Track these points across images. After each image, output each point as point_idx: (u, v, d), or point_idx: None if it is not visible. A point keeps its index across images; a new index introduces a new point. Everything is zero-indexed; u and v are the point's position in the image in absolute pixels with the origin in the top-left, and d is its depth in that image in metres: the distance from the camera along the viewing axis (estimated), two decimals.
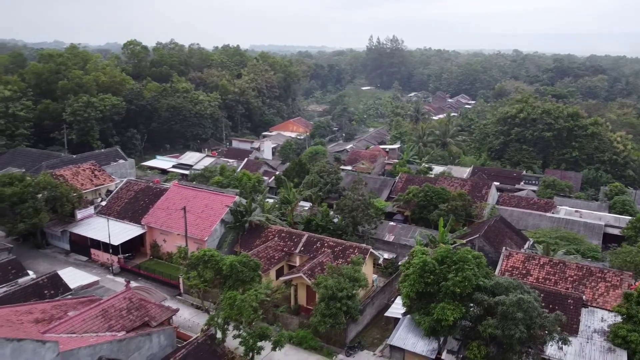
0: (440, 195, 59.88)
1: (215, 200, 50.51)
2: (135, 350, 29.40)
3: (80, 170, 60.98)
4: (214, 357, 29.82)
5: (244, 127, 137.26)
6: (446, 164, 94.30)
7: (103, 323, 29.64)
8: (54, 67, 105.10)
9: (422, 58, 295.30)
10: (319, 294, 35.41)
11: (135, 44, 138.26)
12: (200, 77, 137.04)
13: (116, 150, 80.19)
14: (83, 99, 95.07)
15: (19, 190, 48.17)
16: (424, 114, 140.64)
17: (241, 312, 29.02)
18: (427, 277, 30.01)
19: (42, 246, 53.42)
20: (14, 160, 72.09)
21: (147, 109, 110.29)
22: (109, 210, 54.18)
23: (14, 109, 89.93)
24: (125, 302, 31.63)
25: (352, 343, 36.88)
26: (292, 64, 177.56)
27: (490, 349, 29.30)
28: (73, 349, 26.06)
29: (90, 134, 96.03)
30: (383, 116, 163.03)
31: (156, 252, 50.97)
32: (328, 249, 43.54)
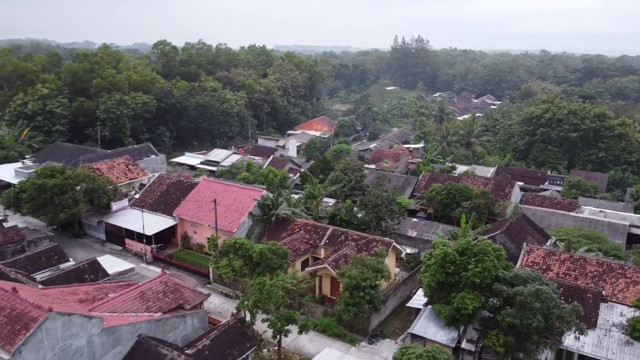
0: (463, 193, 60.58)
1: (243, 194, 52.50)
2: (170, 330, 31.39)
3: (115, 165, 63.90)
4: (243, 338, 31.61)
5: (269, 125, 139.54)
6: (470, 163, 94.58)
7: (141, 304, 31.73)
8: (88, 67, 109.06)
9: (447, 58, 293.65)
10: (343, 284, 36.87)
11: (165, 44, 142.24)
12: (227, 77, 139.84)
13: (148, 146, 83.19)
14: (116, 97, 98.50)
15: (60, 182, 50.96)
16: (449, 114, 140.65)
17: (270, 297, 30.72)
18: (447, 268, 31.20)
19: (80, 236, 56.27)
20: (52, 154, 75.57)
21: (176, 107, 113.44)
22: (142, 202, 56.69)
23: (51, 106, 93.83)
24: (162, 285, 33.69)
25: (374, 331, 38.30)
26: (317, 64, 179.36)
27: (509, 338, 30.33)
28: (115, 326, 28.14)
29: (122, 130, 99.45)
30: (407, 116, 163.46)
31: (186, 243, 53.20)
32: (352, 242, 45.00)
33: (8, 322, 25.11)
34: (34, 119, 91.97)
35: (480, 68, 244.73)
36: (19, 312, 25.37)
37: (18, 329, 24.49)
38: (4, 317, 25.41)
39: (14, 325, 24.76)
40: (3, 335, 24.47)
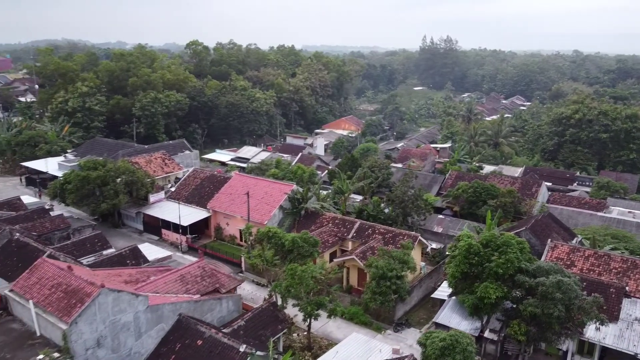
0: (490, 191, 61.22)
1: (274, 188, 54.55)
2: (207, 312, 33.51)
3: (152, 159, 66.89)
4: (275, 321, 33.51)
5: (297, 124, 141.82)
6: (497, 164, 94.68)
7: (181, 286, 33.97)
8: (125, 66, 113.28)
9: (476, 59, 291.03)
10: (371, 274, 38.42)
11: (197, 44, 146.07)
12: (257, 76, 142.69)
13: (182, 142, 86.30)
14: (150, 95, 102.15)
15: (102, 174, 53.95)
16: (477, 114, 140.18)
17: (301, 282, 32.51)
18: (471, 259, 32.43)
19: (119, 226, 59.27)
20: (92, 149, 79.25)
21: (207, 106, 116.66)
22: (177, 195, 59.33)
23: (90, 103, 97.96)
24: (199, 270, 35.90)
25: (399, 320, 39.74)
26: (345, 64, 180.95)
27: (530, 328, 31.36)
28: (159, 304, 30.37)
29: (156, 127, 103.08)
30: (434, 116, 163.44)
31: (219, 234, 55.54)
32: (379, 236, 46.50)
33: (65, 296, 27.57)
34: (74, 115, 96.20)
35: (510, 68, 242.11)
36: (74, 288, 27.80)
37: (74, 303, 26.89)
38: (61, 292, 27.89)
39: (70, 300, 27.19)
40: (61, 308, 26.92)
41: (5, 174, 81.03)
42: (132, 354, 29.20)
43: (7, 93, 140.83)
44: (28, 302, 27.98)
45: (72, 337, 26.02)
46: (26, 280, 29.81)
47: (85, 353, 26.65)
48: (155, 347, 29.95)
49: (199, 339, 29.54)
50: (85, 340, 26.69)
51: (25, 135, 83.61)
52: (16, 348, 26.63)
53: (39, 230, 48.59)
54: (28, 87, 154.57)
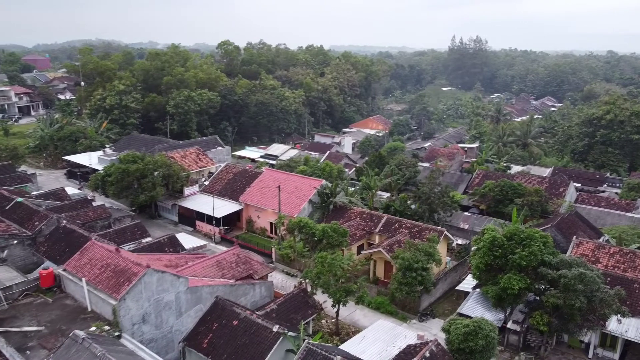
0: (516, 190, 61.65)
1: (304, 182, 56.42)
2: (241, 296, 35.51)
3: (187, 154, 69.67)
4: (305, 306, 35.29)
5: (325, 123, 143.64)
6: (525, 164, 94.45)
7: (217, 271, 36.09)
8: (159, 65, 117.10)
9: (506, 59, 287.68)
10: (397, 265, 39.83)
11: (228, 44, 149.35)
12: (286, 75, 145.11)
13: (215, 139, 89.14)
14: (184, 93, 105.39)
15: (141, 167, 56.75)
16: (505, 115, 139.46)
17: (331, 270, 34.20)
18: (495, 251, 33.58)
19: (155, 217, 62.09)
20: (130, 144, 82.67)
21: (238, 104, 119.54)
22: (211, 188, 61.77)
23: (126, 101, 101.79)
24: (234, 256, 37.98)
25: (424, 311, 41.03)
26: (373, 64, 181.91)
27: (553, 319, 32.32)
28: (198, 286, 32.51)
29: (189, 125, 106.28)
30: (463, 116, 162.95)
31: (250, 226, 57.70)
32: (405, 230, 47.80)
33: (114, 275, 29.92)
34: (111, 112, 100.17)
35: (540, 69, 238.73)
36: (122, 268, 30.14)
37: (122, 281, 29.20)
38: (110, 271, 30.26)
39: (119, 278, 29.51)
40: (110, 286, 29.27)
41: (48, 167, 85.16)
42: (173, 331, 31.42)
43: (47, 91, 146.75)
44: (81, 280, 30.44)
45: (121, 312, 28.31)
46: (78, 260, 32.33)
47: (131, 327, 28.91)
48: (194, 326, 32.06)
49: (234, 319, 31.53)
50: (132, 316, 28.97)
51: (67, 130, 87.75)
52: (70, 321, 29.08)
53: (82, 219, 51.62)
54: (67, 85, 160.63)
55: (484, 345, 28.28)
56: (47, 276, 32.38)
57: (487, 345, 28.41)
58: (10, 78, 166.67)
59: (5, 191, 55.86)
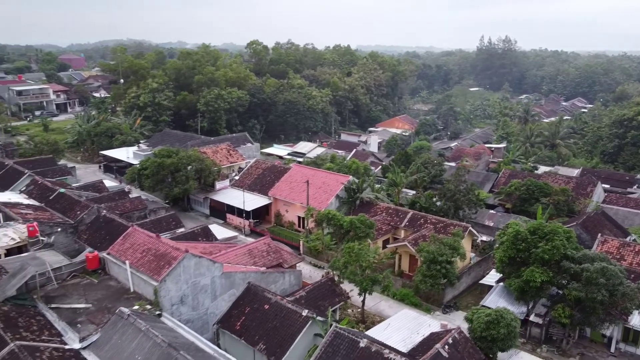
0: (543, 189, 61.82)
1: (331, 178, 57.96)
2: (272, 283, 37.22)
3: (218, 150, 72.10)
4: (333, 294, 36.81)
5: (351, 122, 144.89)
6: (553, 165, 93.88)
7: (249, 259, 37.92)
8: (191, 64, 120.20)
9: (536, 59, 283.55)
10: (422, 257, 40.97)
11: (257, 44, 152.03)
12: (313, 75, 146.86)
13: (245, 135, 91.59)
14: (214, 91, 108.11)
15: (175, 161, 59.18)
16: (534, 115, 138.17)
17: (358, 260, 35.62)
18: (519, 245, 34.46)
19: (187, 209, 64.52)
20: (163, 140, 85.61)
21: (266, 103, 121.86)
22: (241, 183, 63.88)
23: (159, 98, 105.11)
24: (265, 246, 39.77)
25: (448, 303, 42.05)
26: (400, 64, 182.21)
27: (574, 312, 33.03)
28: (231, 272, 34.36)
29: (219, 122, 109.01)
30: (490, 117, 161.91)
31: (279, 220, 59.52)
32: (430, 225, 48.84)
33: (154, 259, 31.98)
34: (145, 109, 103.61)
35: (571, 70, 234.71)
36: (162, 252, 32.18)
37: (162, 264, 31.22)
38: (152, 255, 32.34)
39: (159, 262, 31.55)
40: (151, 268, 31.32)
41: (85, 162, 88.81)
42: (208, 313, 33.33)
43: (83, 89, 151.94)
44: (124, 263, 32.60)
45: (162, 293, 30.33)
46: (121, 245, 34.56)
47: (171, 307, 30.90)
48: (227, 309, 33.97)
49: (266, 303, 33.30)
50: (172, 297, 30.96)
51: (103, 126, 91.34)
52: (115, 300, 31.25)
53: (120, 210, 54.19)
54: (101, 83, 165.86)
55: (505, 334, 29.30)
56: (93, 259, 34.71)
57: (508, 334, 29.41)
58: (48, 76, 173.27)
59: (49, 182, 59.00)
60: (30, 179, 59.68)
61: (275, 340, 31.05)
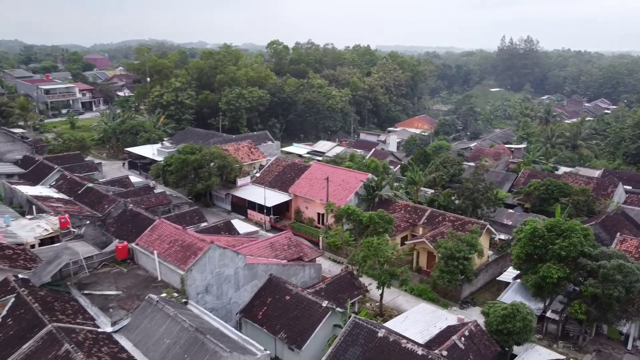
0: (562, 189, 61.71)
1: (351, 176, 58.91)
2: (292, 275, 38.33)
3: (240, 147, 73.63)
4: (352, 287, 37.76)
5: (370, 122, 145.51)
6: (574, 166, 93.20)
7: (271, 252, 39.10)
8: (213, 64, 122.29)
9: (558, 60, 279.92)
10: (439, 254, 41.65)
11: (278, 44, 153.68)
12: (333, 75, 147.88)
13: (265, 134, 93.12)
14: (235, 91, 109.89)
15: (199, 157, 60.77)
16: (555, 116, 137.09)
17: (377, 254, 36.51)
18: (536, 241, 34.93)
19: (210, 205, 66.09)
20: (186, 137, 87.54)
21: (286, 102, 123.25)
22: (262, 180, 65.20)
23: (181, 97, 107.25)
24: (286, 240, 40.93)
25: (465, 299, 42.64)
26: (420, 64, 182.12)
27: (591, 309, 33.40)
28: (254, 264, 35.57)
29: (240, 121, 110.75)
30: (511, 118, 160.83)
31: (299, 216, 60.66)
32: (448, 223, 49.42)
33: (181, 249, 33.36)
34: (168, 108, 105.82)
35: (595, 70, 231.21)
36: (188, 243, 33.55)
37: (189, 255, 32.57)
38: (178, 246, 33.73)
39: (186, 252, 32.91)
40: (178, 258, 32.70)
41: (110, 158, 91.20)
42: (232, 302, 34.58)
43: (107, 88, 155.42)
44: (152, 253, 34.06)
45: (188, 282, 31.66)
46: (149, 236, 36.05)
47: (196, 296, 32.21)
48: (249, 300, 35.19)
49: (287, 294, 34.42)
50: (197, 286, 32.28)
51: (128, 124, 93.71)
52: (143, 288, 32.70)
53: (145, 204, 55.90)
54: (125, 82, 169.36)
55: (521, 327, 29.89)
56: (123, 249, 36.26)
57: (524, 327, 30.00)
58: (74, 76, 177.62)
59: (77, 177, 61.15)
60: (59, 174, 61.98)
61: (296, 330, 32.14)
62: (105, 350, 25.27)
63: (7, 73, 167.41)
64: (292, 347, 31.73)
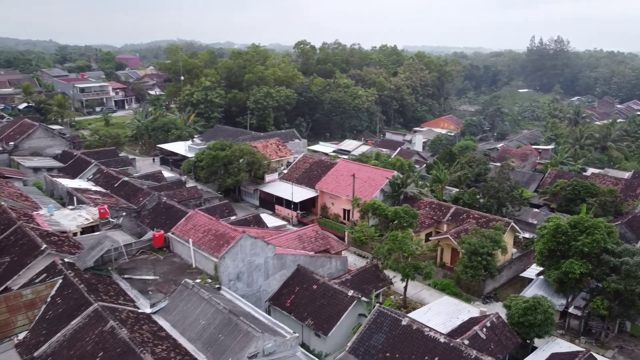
0: (589, 189, 61.50)
1: (376, 173, 60.04)
2: (319, 267, 39.73)
3: (268, 144, 75.55)
4: (377, 279, 38.96)
5: (396, 121, 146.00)
6: (603, 167, 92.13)
7: (299, 244, 40.61)
8: (241, 63, 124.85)
9: (590, 60, 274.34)
10: (463, 249, 42.47)
11: (305, 44, 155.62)
12: (359, 74, 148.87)
13: (293, 132, 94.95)
14: (263, 90, 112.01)
15: (229, 154, 62.79)
16: (585, 117, 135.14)
17: (401, 247, 37.63)
18: (559, 238, 35.51)
19: (238, 200, 68.09)
20: (215, 135, 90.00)
21: (313, 101, 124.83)
22: (289, 176, 66.89)
23: (211, 96, 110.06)
24: (313, 232, 42.38)
25: (488, 294, 43.34)
26: (447, 64, 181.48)
27: (613, 305, 33.83)
28: (283, 254, 37.13)
29: (267, 119, 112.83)
30: (539, 119, 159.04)
31: (325, 212, 62.09)
32: (473, 220, 50.11)
33: (214, 238, 35.13)
34: (198, 106, 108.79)
35: (627, 71, 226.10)
36: (221, 233, 35.29)
37: (222, 243, 34.29)
38: (212, 235, 35.52)
39: (219, 241, 34.66)
40: (212, 247, 34.48)
41: (143, 154, 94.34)
42: (261, 290, 36.20)
43: (139, 86, 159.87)
44: (187, 242, 35.94)
45: (221, 269, 33.39)
46: (184, 226, 37.96)
47: (228, 283, 33.92)
48: (278, 288, 36.75)
49: (314, 284, 35.86)
50: (229, 273, 33.99)
51: (160, 122, 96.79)
52: (179, 274, 34.58)
53: (177, 198, 58.14)
54: (156, 81, 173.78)
55: (542, 320, 30.64)
56: (160, 237, 38.28)
57: (545, 320, 30.73)
58: (107, 75, 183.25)
59: (113, 172, 63.91)
60: (96, 168, 64.89)
61: (323, 317, 33.55)
62: (146, 329, 27.11)
63: (44, 72, 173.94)
64: (318, 334, 33.15)
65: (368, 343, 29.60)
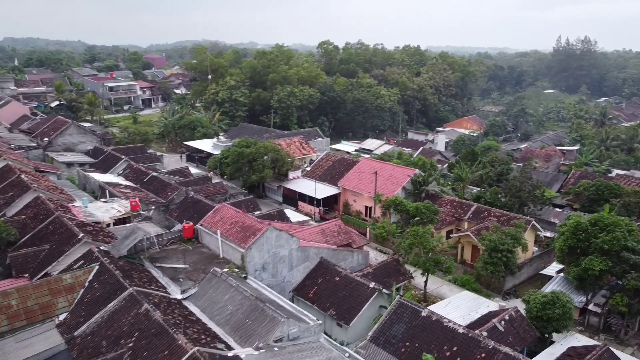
0: (613, 190, 61.14)
1: (398, 171, 60.86)
2: (342, 260, 40.87)
3: (291, 142, 77.05)
4: (397, 273, 39.92)
5: (418, 121, 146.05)
6: (629, 169, 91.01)
7: (322, 237, 41.82)
8: (265, 63, 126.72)
9: (618, 61, 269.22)
10: (484, 246, 43.08)
11: (328, 44, 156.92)
12: (382, 74, 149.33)
13: (316, 130, 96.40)
14: (287, 89, 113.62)
15: (254, 151, 64.41)
16: (612, 118, 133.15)
17: (422, 242, 38.51)
18: (579, 235, 35.94)
19: (262, 196, 69.65)
20: (240, 133, 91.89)
21: (335, 101, 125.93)
22: (312, 174, 68.17)
23: (235, 95, 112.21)
24: (336, 227, 43.55)
25: (508, 290, 43.85)
26: (471, 64, 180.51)
27: (633, 302, 34.14)
28: (306, 247, 38.40)
29: (290, 118, 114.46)
30: (564, 120, 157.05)
31: (347, 209, 63.17)
32: (494, 218, 50.57)
33: (241, 230, 36.58)
34: (223, 105, 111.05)
35: None
36: (248, 225, 36.72)
37: (248, 235, 35.72)
38: (239, 227, 36.98)
39: (246, 232, 36.09)
40: (239, 238, 35.93)
41: (169, 151, 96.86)
42: (285, 281, 37.52)
43: (165, 85, 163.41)
44: (215, 233, 37.48)
45: (247, 259, 34.81)
46: (212, 218, 39.54)
47: (254, 273, 35.32)
48: (302, 280, 38.02)
49: (336, 276, 37.02)
50: (255, 264, 35.40)
51: (186, 120, 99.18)
52: (207, 264, 36.12)
53: (204, 193, 59.93)
54: (181, 81, 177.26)
55: (560, 314, 31.20)
56: (189, 229, 39.94)
57: (563, 314, 31.28)
58: (134, 74, 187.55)
59: (142, 167, 66.16)
60: (126, 164, 67.22)
61: (345, 308, 34.69)
62: (178, 312, 28.65)
63: (75, 71, 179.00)
64: (340, 323, 34.30)
65: (389, 333, 30.63)
